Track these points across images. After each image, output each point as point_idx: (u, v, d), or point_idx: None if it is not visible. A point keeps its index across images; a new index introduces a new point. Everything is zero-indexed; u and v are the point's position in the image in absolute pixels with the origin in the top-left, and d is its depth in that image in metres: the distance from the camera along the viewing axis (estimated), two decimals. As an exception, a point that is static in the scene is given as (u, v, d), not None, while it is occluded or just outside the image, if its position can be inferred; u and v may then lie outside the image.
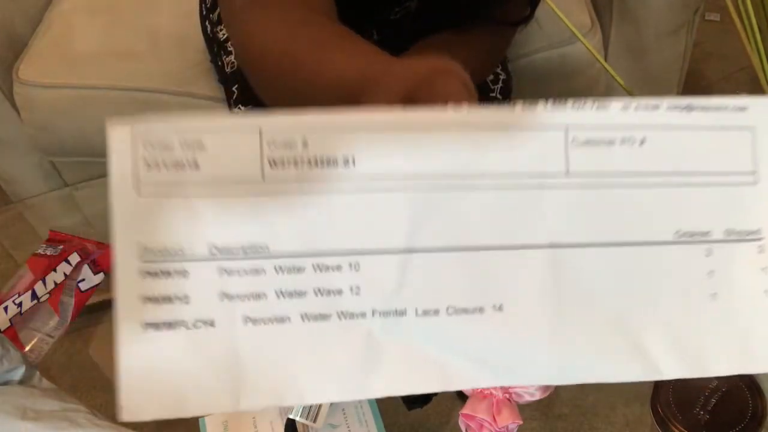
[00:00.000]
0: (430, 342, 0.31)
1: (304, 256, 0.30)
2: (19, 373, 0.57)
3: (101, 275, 0.72)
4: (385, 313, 0.30)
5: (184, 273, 0.29)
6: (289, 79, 0.46)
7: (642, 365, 0.32)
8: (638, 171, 0.31)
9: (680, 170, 0.32)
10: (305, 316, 0.30)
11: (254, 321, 0.30)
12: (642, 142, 0.31)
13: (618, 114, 0.31)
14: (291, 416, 0.55)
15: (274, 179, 0.29)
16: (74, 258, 0.72)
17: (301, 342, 0.30)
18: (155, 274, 0.29)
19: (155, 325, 0.29)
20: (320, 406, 0.55)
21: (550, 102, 0.30)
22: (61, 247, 0.73)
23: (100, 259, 0.73)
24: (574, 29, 0.68)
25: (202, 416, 0.58)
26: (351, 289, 0.30)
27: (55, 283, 0.70)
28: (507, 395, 0.54)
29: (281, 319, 0.30)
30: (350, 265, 0.30)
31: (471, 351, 0.31)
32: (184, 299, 0.29)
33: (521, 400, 0.54)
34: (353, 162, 0.30)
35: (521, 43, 1.01)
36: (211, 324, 0.30)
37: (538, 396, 0.54)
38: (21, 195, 1.22)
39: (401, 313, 0.31)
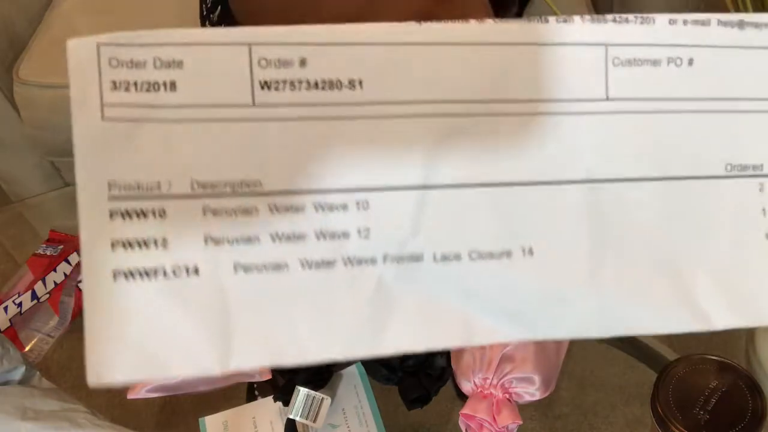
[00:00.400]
0: (450, 291, 0.27)
1: (303, 194, 0.26)
2: (19, 373, 0.56)
3: (101, 275, 0.72)
4: (399, 259, 0.27)
5: (161, 212, 0.25)
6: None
7: (691, 312, 0.28)
8: (686, 95, 0.28)
9: (732, 95, 0.29)
10: (305, 263, 0.26)
11: (246, 268, 0.26)
12: (690, 62, 0.28)
13: (664, 29, 0.27)
14: (291, 416, 0.55)
15: (265, 103, 0.25)
16: (74, 258, 0.72)
17: (300, 292, 0.26)
18: (126, 214, 0.25)
19: (128, 274, 0.25)
20: (320, 405, 0.55)
21: (587, 15, 0.27)
22: (61, 247, 0.73)
23: (100, 259, 0.73)
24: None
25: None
26: (359, 232, 0.27)
27: (55, 283, 0.70)
28: (507, 395, 0.54)
29: (277, 266, 0.26)
30: (358, 203, 0.26)
31: (497, 300, 0.27)
32: (162, 243, 0.25)
33: (521, 400, 0.54)
34: (360, 84, 0.26)
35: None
36: (195, 272, 0.26)
37: (538, 396, 0.54)
38: (21, 195, 1.22)
39: (417, 258, 0.27)
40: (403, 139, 0.26)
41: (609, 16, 0.27)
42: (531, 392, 0.54)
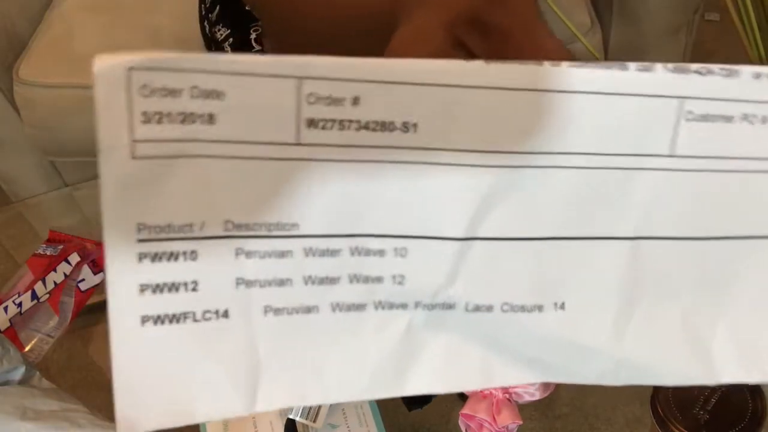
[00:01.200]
0: (477, 338, 0.27)
1: (340, 237, 0.25)
2: (19, 373, 0.57)
3: (101, 275, 0.72)
4: (431, 306, 0.26)
5: (192, 254, 0.24)
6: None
7: (703, 367, 0.28)
8: (753, 155, 0.26)
9: None
10: (336, 306, 0.26)
11: (276, 311, 0.25)
12: (764, 120, 0.26)
13: (747, 84, 0.25)
14: (291, 416, 0.55)
15: (310, 143, 0.23)
16: (74, 258, 0.72)
17: (328, 334, 0.26)
18: (156, 257, 0.24)
19: (156, 319, 0.24)
20: (320, 405, 0.55)
21: (669, 64, 0.25)
22: (61, 247, 0.74)
23: (100, 259, 0.73)
24: (574, 29, 0.68)
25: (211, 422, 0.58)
26: (393, 278, 0.26)
27: (55, 283, 0.70)
28: (507, 395, 0.54)
29: (308, 309, 0.25)
30: (396, 250, 0.25)
31: (521, 349, 0.27)
32: (192, 287, 0.24)
33: (521, 400, 0.54)
34: (415, 127, 0.24)
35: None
36: (225, 315, 0.25)
37: (538, 396, 0.54)
38: (21, 195, 1.22)
39: (449, 307, 0.26)
40: (451, 188, 0.25)
41: (693, 66, 0.25)
42: (531, 392, 0.54)
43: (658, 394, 0.49)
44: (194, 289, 0.24)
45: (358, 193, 0.24)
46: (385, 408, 0.58)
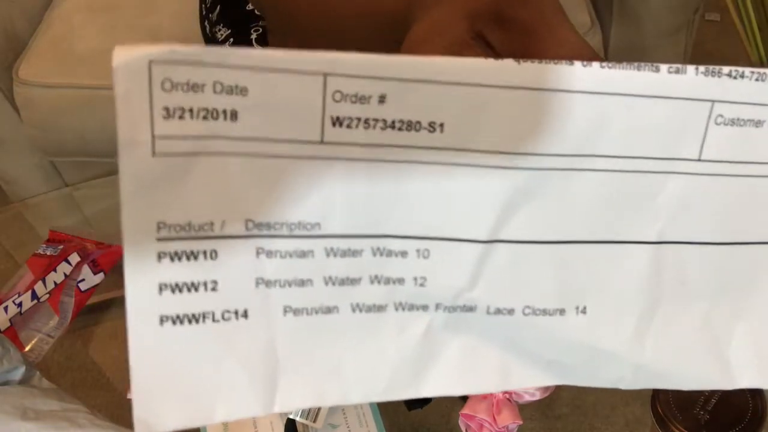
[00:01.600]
0: (496, 340, 0.26)
1: (362, 237, 0.25)
2: (19, 373, 0.57)
3: (101, 275, 0.72)
4: (451, 309, 0.26)
5: (212, 254, 0.23)
6: None
7: (721, 371, 0.28)
8: None
9: None
10: (356, 307, 0.25)
11: (296, 311, 0.25)
12: None
13: None
14: (291, 416, 0.55)
15: (335, 141, 0.23)
16: (74, 258, 0.72)
17: (348, 335, 0.25)
18: (176, 256, 0.23)
19: (175, 319, 0.24)
20: (320, 406, 0.55)
21: (701, 66, 0.24)
22: (61, 247, 0.74)
23: (100, 259, 0.73)
24: (574, 29, 0.68)
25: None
26: (415, 280, 0.25)
27: (55, 283, 0.70)
28: (507, 395, 0.54)
29: (328, 310, 0.25)
30: (418, 251, 0.25)
31: (541, 352, 0.27)
32: (212, 286, 0.24)
33: (521, 400, 0.54)
34: (441, 128, 0.23)
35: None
36: (244, 315, 0.24)
37: (538, 396, 0.54)
38: (21, 195, 1.22)
39: (470, 309, 0.26)
40: (476, 190, 0.25)
41: (725, 69, 0.24)
42: (531, 392, 0.54)
43: (658, 394, 0.49)
44: (214, 289, 0.24)
45: (382, 193, 0.24)
46: (385, 408, 0.58)
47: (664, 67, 0.24)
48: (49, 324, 0.69)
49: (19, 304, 0.68)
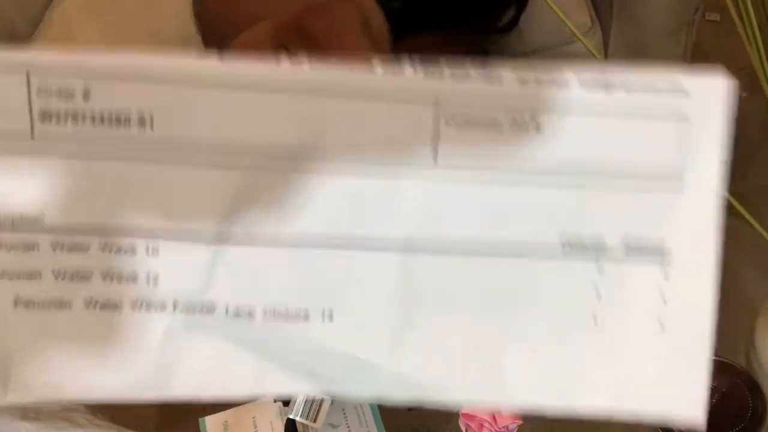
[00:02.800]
0: (245, 345, 0.27)
1: (87, 234, 0.25)
2: (19, 373, 0.56)
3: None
4: (190, 309, 0.26)
5: None
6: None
7: (492, 387, 0.27)
8: (528, 165, 0.25)
9: (584, 169, 0.25)
10: (90, 303, 0.26)
11: (27, 304, 0.25)
12: (538, 127, 0.24)
13: (510, 88, 0.24)
14: (291, 416, 0.55)
15: (45, 137, 0.24)
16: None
17: (85, 331, 0.26)
18: None
19: None
20: (320, 405, 0.55)
21: (420, 67, 0.24)
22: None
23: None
24: (574, 29, 0.68)
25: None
26: (147, 277, 0.26)
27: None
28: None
29: (60, 304, 0.26)
30: (147, 249, 0.25)
31: (292, 359, 0.27)
32: None
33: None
34: (151, 123, 0.24)
35: (521, 43, 1.01)
36: None
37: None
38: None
39: (209, 309, 0.26)
40: (196, 189, 0.25)
41: (447, 71, 0.24)
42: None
43: (658, 394, 0.49)
44: None
45: (103, 189, 0.25)
46: (386, 408, 0.58)
47: (380, 68, 0.24)
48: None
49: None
